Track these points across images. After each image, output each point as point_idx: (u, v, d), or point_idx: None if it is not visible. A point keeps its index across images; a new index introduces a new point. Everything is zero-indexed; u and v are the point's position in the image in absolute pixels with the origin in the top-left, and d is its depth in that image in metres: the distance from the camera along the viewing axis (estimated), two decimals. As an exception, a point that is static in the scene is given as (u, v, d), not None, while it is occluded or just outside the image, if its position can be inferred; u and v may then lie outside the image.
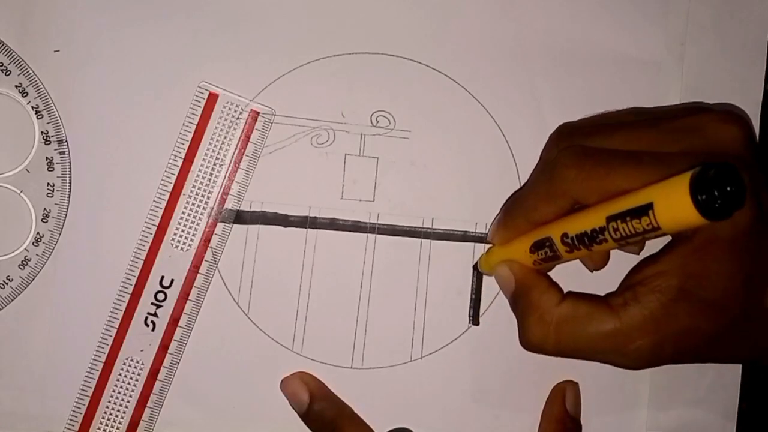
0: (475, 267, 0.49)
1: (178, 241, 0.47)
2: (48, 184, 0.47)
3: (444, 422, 0.49)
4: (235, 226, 0.48)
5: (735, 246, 0.39)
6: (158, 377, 0.47)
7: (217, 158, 0.47)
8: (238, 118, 0.48)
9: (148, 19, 0.47)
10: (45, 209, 0.47)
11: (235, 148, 0.48)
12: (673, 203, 0.35)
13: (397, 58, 0.49)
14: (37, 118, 0.47)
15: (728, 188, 0.33)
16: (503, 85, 0.49)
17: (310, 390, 0.47)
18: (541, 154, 0.47)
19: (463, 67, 0.49)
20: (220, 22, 0.48)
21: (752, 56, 0.51)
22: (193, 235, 0.47)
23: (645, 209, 0.36)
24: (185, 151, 0.47)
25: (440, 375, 0.49)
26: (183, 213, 0.47)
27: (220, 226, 0.48)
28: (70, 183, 0.47)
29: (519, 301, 0.44)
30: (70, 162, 0.47)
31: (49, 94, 0.47)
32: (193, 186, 0.47)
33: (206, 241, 0.48)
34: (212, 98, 0.47)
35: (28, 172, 0.47)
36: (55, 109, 0.47)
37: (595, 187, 0.40)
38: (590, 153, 0.41)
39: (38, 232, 0.47)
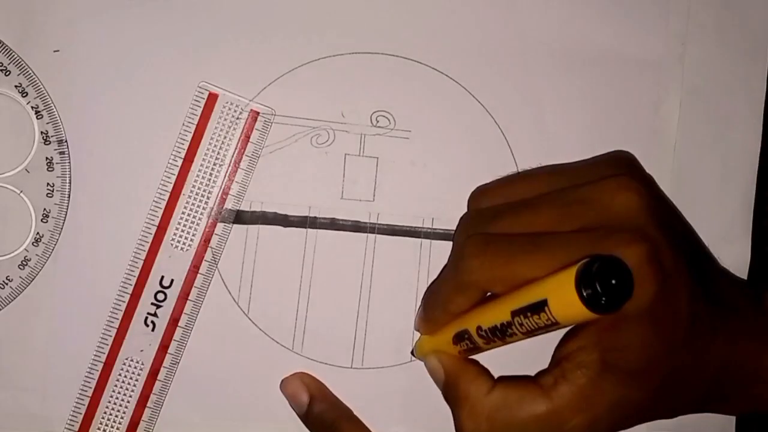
0: (412, 353, 0.49)
1: (178, 241, 0.47)
2: (48, 184, 0.47)
3: (444, 422, 0.49)
4: (235, 226, 0.48)
5: (643, 319, 0.38)
6: (158, 377, 0.47)
7: (217, 158, 0.47)
8: (238, 118, 0.48)
9: (148, 19, 0.47)
10: (45, 209, 0.47)
11: (235, 148, 0.48)
12: (563, 299, 0.35)
13: (397, 57, 0.49)
14: (37, 118, 0.47)
15: (612, 281, 0.33)
16: (503, 85, 0.49)
17: (309, 391, 0.47)
18: (453, 239, 0.47)
19: (464, 67, 0.49)
20: (220, 22, 0.48)
21: (753, 56, 0.51)
22: (193, 235, 0.47)
23: (541, 305, 0.36)
24: (185, 151, 0.47)
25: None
26: (183, 213, 0.47)
27: (220, 226, 0.48)
28: (70, 183, 0.47)
29: (449, 393, 0.43)
30: (69, 162, 0.47)
31: (49, 94, 0.47)
32: (193, 186, 0.47)
33: (206, 241, 0.47)
34: (212, 98, 0.47)
35: (28, 172, 0.47)
36: (54, 109, 0.47)
37: (499, 276, 0.40)
38: (492, 241, 0.41)
39: (38, 232, 0.47)
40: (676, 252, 0.39)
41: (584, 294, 0.34)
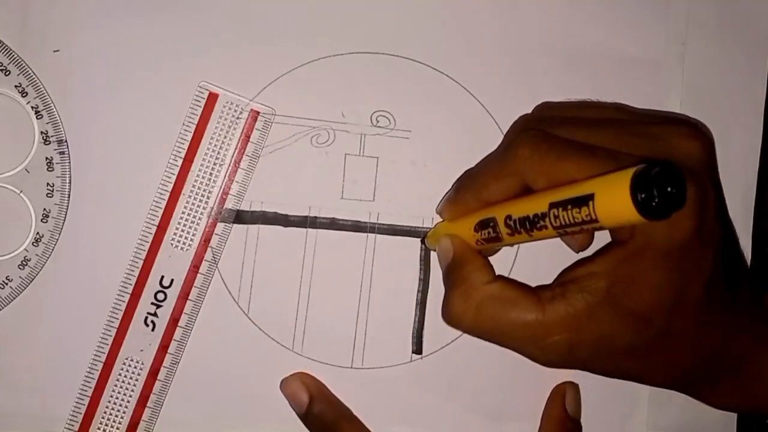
0: (422, 240, 0.49)
1: (178, 241, 0.47)
2: (48, 184, 0.47)
3: (444, 422, 0.49)
4: (235, 225, 0.48)
5: (669, 257, 0.38)
6: (158, 377, 0.47)
7: (217, 158, 0.47)
8: (238, 118, 0.48)
9: (148, 19, 0.47)
10: (45, 209, 0.47)
11: (235, 148, 0.48)
12: (613, 197, 0.34)
13: (397, 57, 0.49)
14: (37, 118, 0.47)
15: (668, 188, 0.33)
16: (503, 85, 0.49)
17: (309, 391, 0.47)
18: (504, 136, 0.47)
19: (464, 66, 0.49)
20: (220, 21, 0.48)
21: (753, 56, 0.51)
22: (193, 234, 0.47)
23: (586, 199, 0.35)
24: (185, 151, 0.47)
25: (440, 375, 0.49)
26: (183, 213, 0.47)
27: (220, 225, 0.48)
28: (70, 183, 0.47)
29: (451, 274, 0.43)
30: (69, 162, 0.47)
31: (49, 94, 0.47)
32: (193, 186, 0.47)
33: (206, 240, 0.47)
34: (212, 98, 0.47)
35: (28, 172, 0.47)
36: (54, 109, 0.47)
37: (545, 171, 0.40)
38: (547, 138, 0.41)
39: (38, 232, 0.47)
40: (717, 212, 0.39)
41: (639, 196, 0.33)
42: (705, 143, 0.41)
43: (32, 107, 0.47)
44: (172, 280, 0.47)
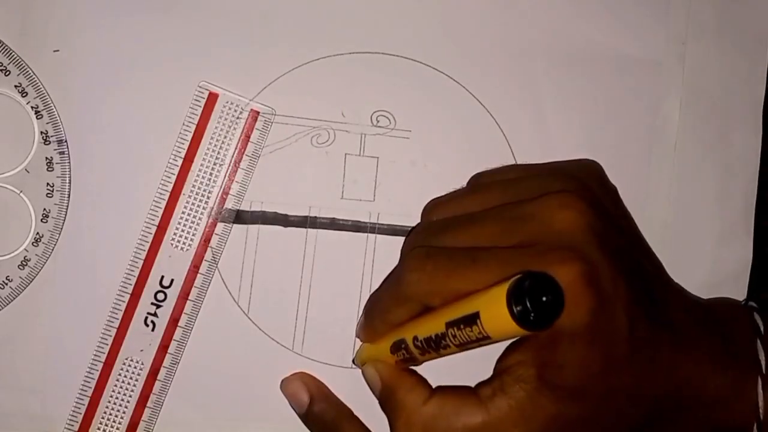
0: (353, 361, 0.49)
1: (178, 241, 0.47)
2: (48, 184, 0.47)
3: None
4: (235, 225, 0.48)
5: (579, 338, 0.38)
6: (158, 377, 0.47)
7: (217, 158, 0.47)
8: (238, 118, 0.48)
9: (148, 19, 0.47)
10: (44, 209, 0.47)
11: (235, 148, 0.48)
12: (495, 314, 0.35)
13: (397, 57, 0.49)
14: (37, 118, 0.47)
15: (543, 298, 0.34)
16: (503, 84, 0.49)
17: (310, 391, 0.47)
18: (401, 251, 0.47)
19: (464, 66, 0.49)
20: (220, 21, 0.48)
21: (754, 55, 0.51)
22: (193, 234, 0.47)
23: (473, 318, 0.36)
24: (185, 151, 0.47)
25: (439, 375, 0.49)
26: (183, 213, 0.47)
27: (220, 225, 0.48)
28: (70, 183, 0.47)
29: (386, 403, 0.43)
30: (69, 162, 0.47)
31: (49, 94, 0.47)
32: (193, 186, 0.47)
33: (206, 240, 0.47)
34: (212, 98, 0.47)
35: (28, 172, 0.47)
36: (54, 109, 0.47)
37: (437, 290, 0.40)
38: (432, 254, 0.41)
39: (38, 233, 0.47)
40: (615, 271, 0.39)
41: (515, 310, 0.34)
42: (580, 209, 0.40)
43: (32, 107, 0.47)
44: (172, 280, 0.47)
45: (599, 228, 0.40)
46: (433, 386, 0.43)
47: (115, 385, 0.47)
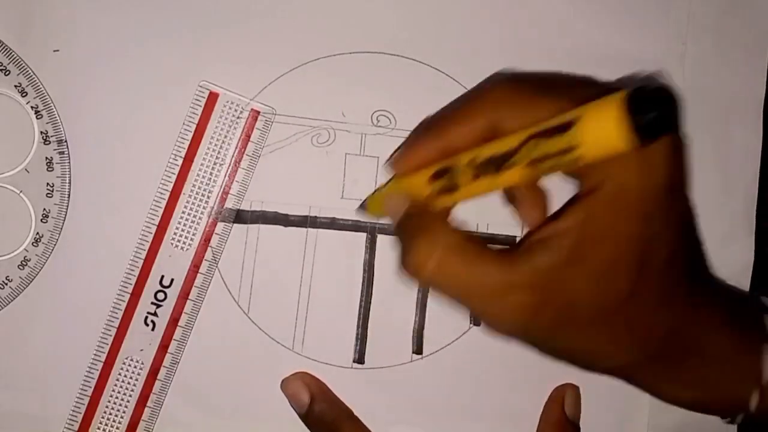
0: (362, 206, 0.48)
1: (179, 241, 0.47)
2: (47, 184, 0.47)
3: (444, 422, 0.49)
4: (235, 225, 0.48)
5: (640, 205, 0.37)
6: (158, 377, 0.47)
7: (217, 157, 0.47)
8: (238, 118, 0.48)
9: (148, 19, 0.47)
10: (44, 209, 0.47)
11: (236, 148, 0.48)
12: (600, 119, 0.33)
13: (398, 57, 0.49)
14: (37, 118, 0.47)
15: (659, 110, 0.32)
16: (504, 84, 0.49)
17: (310, 391, 0.47)
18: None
19: (464, 66, 0.49)
20: (220, 21, 0.48)
21: (754, 55, 0.51)
22: (194, 234, 0.47)
23: (567, 126, 0.34)
24: (185, 151, 0.47)
25: (440, 375, 0.49)
26: (183, 212, 0.47)
27: (220, 225, 0.48)
28: (70, 183, 0.47)
29: (409, 222, 0.41)
30: (69, 162, 0.47)
31: (49, 93, 0.47)
32: (194, 185, 0.47)
33: (206, 240, 0.47)
34: (212, 97, 0.47)
35: (28, 172, 0.47)
36: (54, 109, 0.47)
37: (521, 108, 0.38)
38: (523, 75, 0.40)
39: (38, 233, 0.47)
40: (687, 178, 0.38)
41: (631, 113, 0.32)
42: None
43: (32, 107, 0.47)
44: (172, 280, 0.47)
45: (688, 156, 0.39)
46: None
47: (115, 385, 0.47)
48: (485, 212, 0.49)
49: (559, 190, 0.42)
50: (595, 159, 0.34)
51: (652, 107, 0.32)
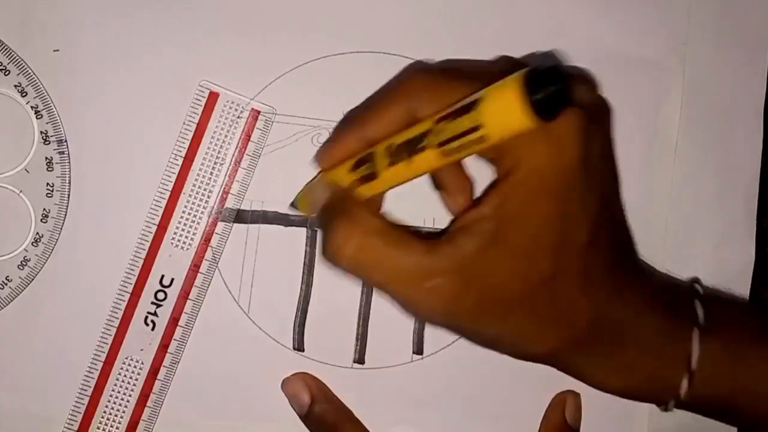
0: (293, 204, 0.48)
1: (179, 240, 0.47)
2: (47, 184, 0.47)
3: (444, 422, 0.49)
4: (235, 225, 0.48)
5: (554, 185, 0.37)
6: (158, 377, 0.47)
7: (217, 157, 0.47)
8: (238, 117, 0.48)
9: (149, 19, 0.47)
10: (44, 209, 0.47)
11: (236, 147, 0.47)
12: (500, 98, 0.34)
13: (398, 57, 0.49)
14: (37, 118, 0.47)
15: (555, 86, 0.33)
16: (504, 84, 0.49)
17: (311, 391, 0.47)
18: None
19: (464, 66, 0.49)
20: (220, 21, 0.48)
21: (754, 56, 0.51)
22: (194, 234, 0.47)
23: (471, 106, 0.35)
24: (185, 150, 0.47)
25: (441, 375, 0.49)
26: (183, 212, 0.47)
27: (220, 225, 0.48)
28: (70, 183, 0.47)
29: (330, 210, 0.41)
30: (69, 162, 0.47)
31: (49, 93, 0.47)
32: (194, 185, 0.47)
33: (206, 240, 0.47)
34: (213, 97, 0.47)
35: (28, 172, 0.47)
36: (54, 109, 0.47)
37: (436, 93, 0.39)
38: (437, 64, 0.41)
39: (38, 233, 0.47)
40: (610, 153, 0.40)
41: (527, 94, 0.33)
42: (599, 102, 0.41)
43: (32, 107, 0.47)
44: (173, 280, 0.47)
45: (611, 114, 0.41)
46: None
47: (115, 385, 0.47)
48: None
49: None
50: (500, 138, 0.35)
51: (547, 84, 0.33)
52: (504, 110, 0.34)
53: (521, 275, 0.38)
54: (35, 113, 0.47)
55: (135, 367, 0.47)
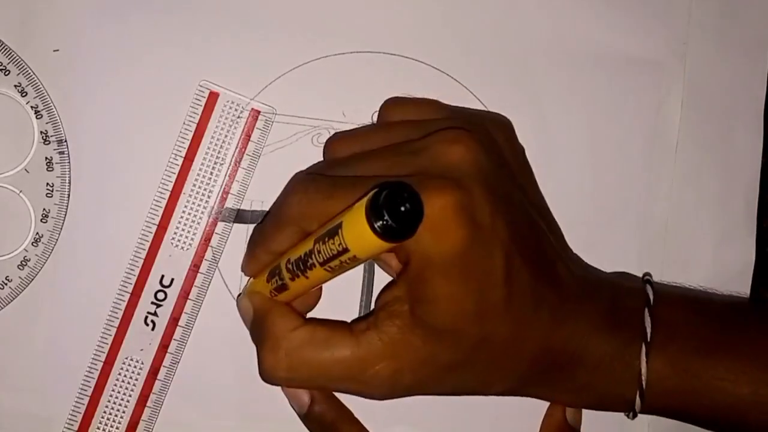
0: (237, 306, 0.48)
1: (179, 240, 0.47)
2: (47, 184, 0.47)
3: (444, 422, 0.49)
4: (235, 225, 0.48)
5: (450, 269, 0.38)
6: (158, 376, 0.47)
7: (217, 157, 0.47)
8: (238, 117, 0.48)
9: (149, 19, 0.47)
10: (44, 209, 0.47)
11: (236, 147, 0.47)
12: (355, 223, 0.35)
13: (398, 57, 0.49)
14: (37, 118, 0.47)
15: (402, 208, 0.33)
16: (504, 84, 0.49)
17: (311, 391, 0.47)
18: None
19: (464, 66, 0.49)
20: (220, 20, 0.48)
21: (754, 55, 0.51)
22: (194, 234, 0.47)
23: (336, 229, 0.36)
24: (186, 150, 0.47)
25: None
26: (183, 212, 0.47)
27: (220, 225, 0.48)
28: (70, 183, 0.47)
29: (256, 331, 0.43)
30: (69, 162, 0.47)
31: (49, 93, 0.47)
32: (194, 185, 0.47)
33: (207, 240, 0.47)
34: (213, 97, 0.47)
35: (28, 172, 0.47)
36: (54, 109, 0.47)
37: (316, 213, 0.40)
38: (315, 180, 0.41)
39: (37, 233, 0.47)
40: (495, 209, 0.39)
41: (373, 221, 0.34)
42: (470, 146, 0.40)
43: (32, 107, 0.47)
44: (173, 280, 0.47)
45: (487, 167, 0.40)
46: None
47: (115, 385, 0.47)
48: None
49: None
50: (369, 257, 0.37)
51: (390, 210, 0.33)
52: (360, 236, 0.35)
53: (449, 347, 0.40)
54: (35, 113, 0.47)
55: (135, 367, 0.47)
